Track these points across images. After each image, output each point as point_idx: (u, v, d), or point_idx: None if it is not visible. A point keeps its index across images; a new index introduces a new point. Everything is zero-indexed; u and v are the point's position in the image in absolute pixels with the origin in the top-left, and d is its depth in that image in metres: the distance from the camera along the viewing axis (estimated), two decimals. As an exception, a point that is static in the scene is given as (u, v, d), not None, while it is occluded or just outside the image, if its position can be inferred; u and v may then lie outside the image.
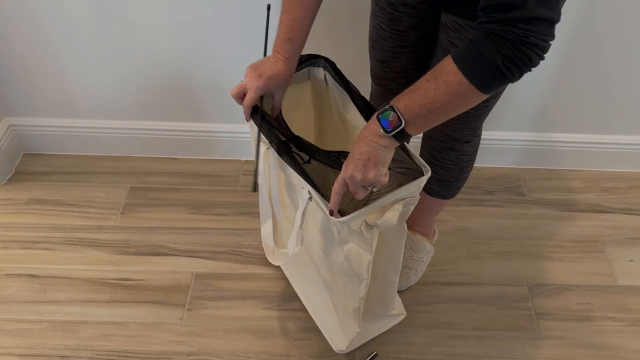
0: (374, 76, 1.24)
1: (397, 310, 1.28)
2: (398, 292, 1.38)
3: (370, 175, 0.84)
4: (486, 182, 1.68)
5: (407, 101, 0.81)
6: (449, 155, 1.20)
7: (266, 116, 1.00)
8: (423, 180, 0.94)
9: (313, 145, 0.96)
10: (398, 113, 0.81)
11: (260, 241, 1.47)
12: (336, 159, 0.92)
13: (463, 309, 1.37)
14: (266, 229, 1.14)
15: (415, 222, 1.41)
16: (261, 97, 1.01)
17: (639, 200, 1.63)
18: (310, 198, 0.96)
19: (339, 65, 1.10)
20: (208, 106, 1.63)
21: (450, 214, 1.57)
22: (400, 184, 0.93)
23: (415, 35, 1.09)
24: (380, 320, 1.27)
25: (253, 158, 1.04)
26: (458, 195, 1.34)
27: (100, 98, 1.61)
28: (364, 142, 0.85)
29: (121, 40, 1.47)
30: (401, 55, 1.14)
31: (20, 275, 1.42)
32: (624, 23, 1.39)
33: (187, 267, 1.44)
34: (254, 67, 0.99)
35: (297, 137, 0.97)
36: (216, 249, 1.48)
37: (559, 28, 0.75)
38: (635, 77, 1.50)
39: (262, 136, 1.01)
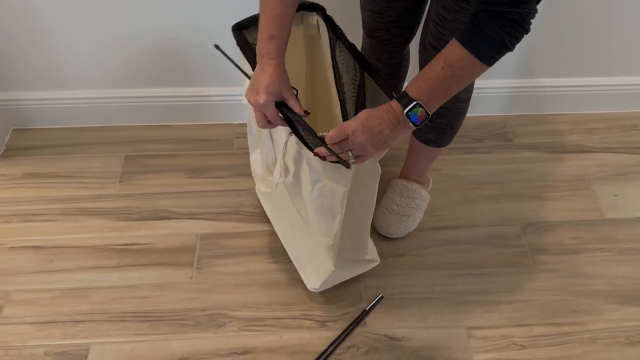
0: (367, 28, 1.26)
1: (371, 256, 1.32)
2: (398, 239, 1.44)
3: (379, 153, 0.92)
4: (474, 130, 1.73)
5: (428, 91, 0.89)
6: (444, 102, 1.23)
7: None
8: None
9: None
10: (424, 107, 0.89)
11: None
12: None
13: (460, 250, 1.43)
14: (255, 157, 1.17)
15: (410, 171, 1.45)
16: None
17: (620, 139, 1.70)
18: (291, 133, 0.99)
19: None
20: (197, 70, 1.63)
21: (442, 162, 1.62)
22: None
23: (411, -19, 1.11)
24: (354, 265, 1.30)
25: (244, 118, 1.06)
26: (449, 145, 1.38)
27: (88, 67, 1.59)
28: (385, 122, 0.90)
29: (107, 7, 1.46)
30: (396, 4, 1.16)
31: (24, 247, 1.42)
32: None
33: (191, 228, 1.46)
34: (250, 90, 0.97)
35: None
36: (218, 210, 1.51)
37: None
38: (614, 20, 1.55)
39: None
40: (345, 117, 1.03)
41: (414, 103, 0.90)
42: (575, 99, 1.73)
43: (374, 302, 1.31)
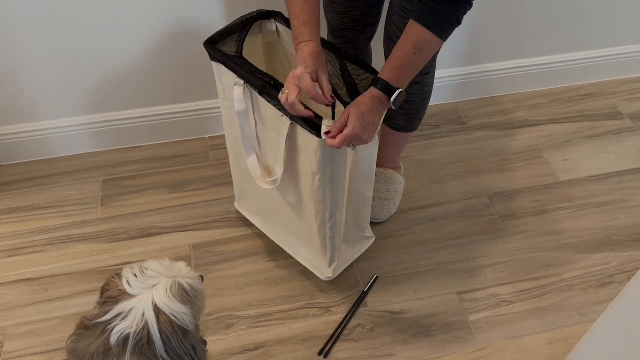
0: (334, 29, 1.36)
1: (370, 232, 1.42)
2: (382, 223, 1.53)
3: (372, 139, 1.03)
4: (431, 118, 1.86)
5: (405, 78, 1.02)
6: (412, 88, 1.34)
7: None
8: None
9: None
10: (404, 92, 1.02)
11: (246, 204, 1.56)
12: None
13: (438, 226, 1.54)
14: (251, 161, 1.23)
15: (385, 159, 1.55)
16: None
17: (561, 110, 1.88)
18: (292, 124, 1.06)
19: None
20: (161, 89, 1.66)
21: (408, 150, 1.73)
22: None
23: (372, -19, 1.22)
24: (357, 244, 1.40)
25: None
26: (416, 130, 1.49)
27: (53, 97, 1.60)
28: (376, 114, 1.01)
29: (65, 34, 1.47)
30: (359, 4, 1.26)
31: (15, 281, 1.41)
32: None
33: (182, 240, 1.50)
34: (293, 72, 1.00)
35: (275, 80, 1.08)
36: (205, 219, 1.55)
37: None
38: (542, 5, 1.72)
39: (237, 78, 1.12)
40: (340, 99, 1.12)
41: (399, 92, 1.02)
42: (517, 79, 1.90)
43: (371, 283, 1.39)
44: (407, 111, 1.39)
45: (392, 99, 1.01)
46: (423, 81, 1.33)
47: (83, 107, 1.65)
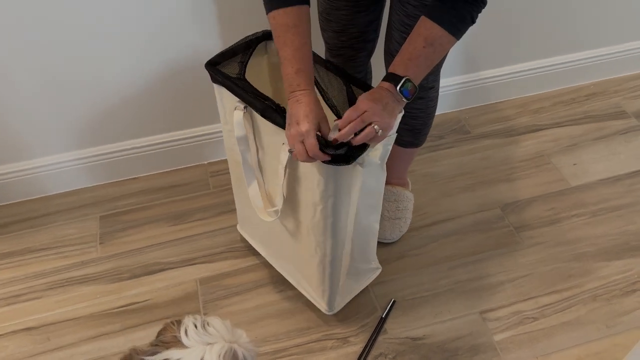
0: (332, 48, 1.31)
1: (376, 264, 1.36)
2: (394, 243, 1.48)
3: (392, 122, 0.95)
4: (434, 129, 1.81)
5: (414, 68, 0.96)
6: (416, 104, 1.30)
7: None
8: (399, 118, 1.03)
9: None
10: (413, 82, 0.95)
11: (252, 232, 1.50)
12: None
13: (453, 242, 1.49)
14: (253, 191, 1.18)
15: (392, 175, 1.50)
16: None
17: (565, 113, 1.84)
18: (291, 151, 0.99)
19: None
20: (156, 118, 1.60)
21: (414, 164, 1.69)
22: None
23: (369, -2, 1.17)
24: (362, 277, 1.34)
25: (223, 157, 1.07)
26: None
27: (42, 134, 1.54)
28: (386, 97, 0.95)
29: (55, 67, 1.42)
30: (357, 21, 1.22)
31: (14, 332, 1.34)
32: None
33: (189, 275, 1.44)
34: (291, 123, 0.95)
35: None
36: (211, 251, 1.49)
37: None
38: (536, 9, 1.69)
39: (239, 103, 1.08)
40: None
41: (404, 79, 0.95)
42: (516, 84, 1.87)
43: (389, 308, 1.34)
44: (412, 127, 1.35)
45: (398, 86, 0.94)
46: (427, 96, 1.29)
47: (75, 142, 1.58)
